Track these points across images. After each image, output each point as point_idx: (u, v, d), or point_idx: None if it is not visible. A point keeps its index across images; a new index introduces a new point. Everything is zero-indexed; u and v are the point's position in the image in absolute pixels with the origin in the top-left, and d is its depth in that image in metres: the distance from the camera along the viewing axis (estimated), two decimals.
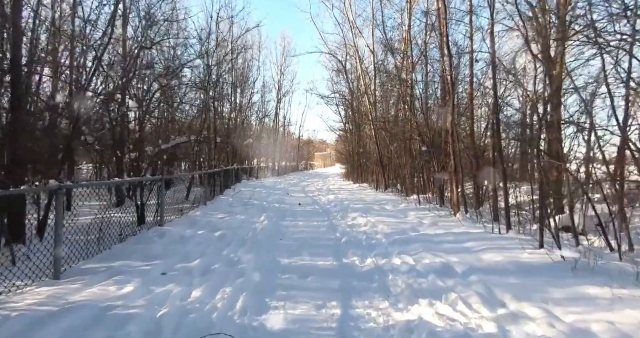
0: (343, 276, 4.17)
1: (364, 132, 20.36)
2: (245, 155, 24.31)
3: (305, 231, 6.91)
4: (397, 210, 9.14)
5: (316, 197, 13.16)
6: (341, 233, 6.57)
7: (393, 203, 10.29)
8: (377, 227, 6.88)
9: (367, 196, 12.92)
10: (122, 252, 4.59)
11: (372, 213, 8.58)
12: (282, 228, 7.05)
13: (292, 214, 8.98)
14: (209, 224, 6.65)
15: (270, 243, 5.74)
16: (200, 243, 5.30)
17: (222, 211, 8.37)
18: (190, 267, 4.11)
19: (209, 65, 10.25)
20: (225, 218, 7.50)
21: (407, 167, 13.83)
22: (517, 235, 5.38)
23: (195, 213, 7.86)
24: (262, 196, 12.67)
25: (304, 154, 48.65)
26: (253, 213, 8.57)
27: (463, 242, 5.34)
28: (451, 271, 4.09)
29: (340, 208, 9.73)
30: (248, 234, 6.10)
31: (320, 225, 7.49)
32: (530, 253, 4.42)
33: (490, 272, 3.94)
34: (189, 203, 9.24)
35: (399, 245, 5.40)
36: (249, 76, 24.41)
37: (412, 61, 11.76)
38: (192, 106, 11.17)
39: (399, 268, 4.33)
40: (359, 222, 7.62)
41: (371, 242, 5.81)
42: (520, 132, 8.35)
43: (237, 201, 10.55)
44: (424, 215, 7.96)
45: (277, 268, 4.42)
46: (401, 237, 5.78)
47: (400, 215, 8.22)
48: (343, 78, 24.42)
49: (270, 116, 30.41)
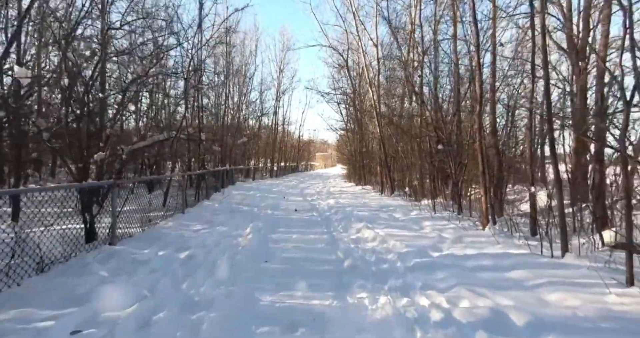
0: (348, 331, 2.84)
1: (367, 130, 19.04)
2: (240, 155, 22.99)
3: (299, 248, 5.58)
4: (408, 219, 7.79)
5: (315, 202, 11.82)
6: (344, 252, 5.23)
7: (403, 210, 8.94)
8: (388, 243, 5.55)
9: (371, 201, 11.56)
10: (30, 293, 3.25)
11: (379, 223, 7.24)
12: (270, 244, 5.72)
13: (286, 223, 7.64)
14: (177, 240, 5.31)
15: (252, 268, 4.41)
16: (155, 270, 3.96)
17: (202, 221, 7.03)
18: (121, 318, 2.77)
19: (189, 48, 8.89)
20: (201, 231, 6.16)
21: (416, 168, 12.51)
22: (579, 261, 4.02)
23: (167, 224, 6.52)
24: (254, 201, 11.33)
25: (304, 155, 47.28)
26: (239, 223, 7.24)
27: (507, 269, 3.99)
28: (508, 325, 2.74)
29: (342, 216, 8.39)
30: (224, 255, 4.77)
31: (318, 240, 6.15)
32: (620, 295, 3.06)
33: (572, 329, 2.60)
34: (168, 210, 7.93)
35: (421, 272, 4.06)
36: (243, 68, 23.13)
37: (422, 48, 10.41)
38: (176, 99, 9.91)
39: (427, 315, 2.99)
40: (365, 235, 6.28)
41: (383, 266, 4.47)
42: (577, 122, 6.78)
43: (224, 207, 9.21)
44: (443, 227, 6.62)
45: (254, 315, 3.08)
46: (422, 261, 4.43)
47: (414, 227, 6.87)
48: (344, 75, 23.12)
49: (268, 115, 29.05)
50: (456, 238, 5.67)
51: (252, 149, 27.07)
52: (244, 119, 23.76)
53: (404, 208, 9.31)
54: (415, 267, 4.24)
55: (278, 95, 28.79)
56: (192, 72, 8.90)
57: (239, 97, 22.92)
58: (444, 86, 10.18)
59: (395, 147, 14.02)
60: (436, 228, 6.59)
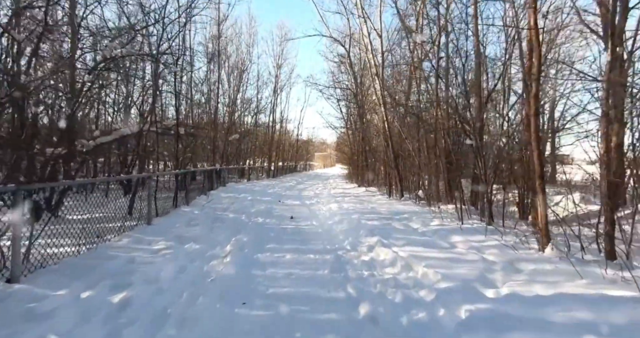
0: None
1: (371, 124, 17.53)
2: (235, 153, 21.46)
3: (292, 277, 4.06)
4: (431, 231, 6.28)
5: (315, 207, 10.29)
6: (356, 286, 3.70)
7: (420, 219, 7.42)
8: (415, 271, 4.04)
9: (380, 206, 10.04)
10: None
11: (396, 237, 5.72)
12: (254, 271, 4.20)
13: (279, 237, 6.12)
14: (121, 269, 3.77)
15: (220, 320, 2.89)
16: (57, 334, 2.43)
17: (170, 235, 5.50)
18: None
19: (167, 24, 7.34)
20: (163, 251, 4.62)
21: (427, 168, 10.99)
22: None
23: (120, 241, 4.98)
24: (244, 205, 9.80)
25: (303, 154, 45.73)
26: (218, 237, 5.72)
27: (624, 331, 2.48)
28: None
29: (347, 226, 6.88)
30: (182, 296, 3.25)
31: (319, 263, 4.63)
32: None
33: None
34: (133, 219, 6.40)
35: (484, 334, 2.55)
36: (235, 57, 21.63)
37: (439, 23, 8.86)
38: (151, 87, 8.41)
39: None
40: (380, 256, 4.77)
41: (417, 316, 2.95)
42: None
43: (205, 215, 7.68)
44: (480, 244, 5.10)
45: None
46: (477, 309, 2.91)
47: (441, 243, 5.35)
48: (345, 71, 21.62)
49: (265, 112, 27.47)
50: (507, 263, 4.15)
51: (248, 147, 25.55)
52: (238, 116, 22.22)
53: (420, 216, 7.78)
54: (472, 322, 2.72)
55: (276, 91, 27.25)
56: (163, 52, 7.36)
57: (234, 93, 21.41)
58: (460, 69, 8.65)
59: (403, 144, 12.51)
60: (472, 246, 5.07)
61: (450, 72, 8.84)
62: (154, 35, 7.46)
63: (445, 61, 9.60)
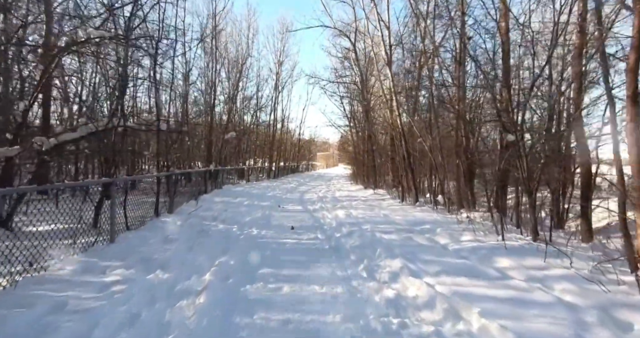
0: None
1: (378, 121, 16.28)
2: (234, 153, 20.23)
3: (291, 328, 2.83)
4: (466, 250, 5.01)
5: (318, 214, 9.04)
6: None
7: (447, 231, 6.16)
8: (467, 321, 2.81)
9: (393, 212, 8.78)
10: None
11: (424, 260, 4.48)
12: (237, 318, 2.97)
13: (275, 257, 4.88)
14: (34, 328, 2.53)
15: None
16: None
17: (134, 258, 4.26)
18: None
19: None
20: (115, 288, 3.38)
21: (445, 169, 9.74)
22: None
23: (61, 270, 3.73)
24: (238, 212, 8.58)
25: (305, 154, 44.42)
26: (197, 260, 4.47)
27: None
28: None
29: (359, 241, 5.62)
30: None
31: (327, 301, 3.38)
32: None
33: None
34: (94, 235, 5.16)
35: None
36: (235, 52, 20.42)
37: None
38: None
39: None
40: (409, 290, 3.53)
41: None
42: None
43: (187, 226, 6.44)
44: (543, 275, 3.83)
45: None
46: None
47: (488, 270, 4.08)
48: (349, 66, 20.35)
49: (266, 110, 26.18)
50: (601, 311, 2.89)
51: (248, 147, 24.32)
52: (236, 111, 20.94)
53: (445, 227, 6.52)
54: None
55: (277, 88, 25.97)
56: (138, 36, 6.13)
57: (233, 90, 20.13)
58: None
59: (414, 143, 11.25)
60: (531, 275, 3.81)
61: (476, 56, 7.55)
62: (122, 16, 6.21)
63: (469, 46, 8.32)
